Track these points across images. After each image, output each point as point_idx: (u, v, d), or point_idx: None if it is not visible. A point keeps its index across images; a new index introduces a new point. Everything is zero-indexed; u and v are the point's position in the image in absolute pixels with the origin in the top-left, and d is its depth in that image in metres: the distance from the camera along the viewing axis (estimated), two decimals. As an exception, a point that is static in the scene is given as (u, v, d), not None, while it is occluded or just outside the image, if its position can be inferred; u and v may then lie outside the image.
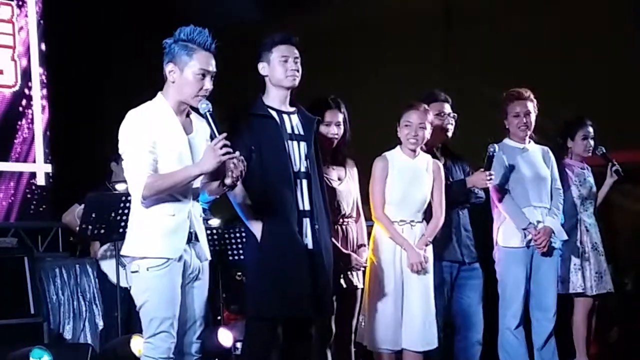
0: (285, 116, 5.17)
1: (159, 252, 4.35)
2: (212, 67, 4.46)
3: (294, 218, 5.03)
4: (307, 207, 5.11)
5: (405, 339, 5.69)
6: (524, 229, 6.20)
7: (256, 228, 5.01)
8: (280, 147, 5.06)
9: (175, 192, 4.36)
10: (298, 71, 5.15)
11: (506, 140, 6.40)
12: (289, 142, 5.11)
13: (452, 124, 6.19)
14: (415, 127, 5.77)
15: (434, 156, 6.08)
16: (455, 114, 6.21)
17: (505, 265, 6.26)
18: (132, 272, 4.42)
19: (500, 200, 6.24)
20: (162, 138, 4.38)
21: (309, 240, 5.09)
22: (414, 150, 5.82)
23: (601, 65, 8.81)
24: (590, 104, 8.25)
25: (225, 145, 4.24)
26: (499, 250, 6.29)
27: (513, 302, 6.22)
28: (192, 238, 4.45)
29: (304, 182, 5.11)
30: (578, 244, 6.69)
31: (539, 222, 6.24)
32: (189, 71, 4.41)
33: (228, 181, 4.39)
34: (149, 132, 4.36)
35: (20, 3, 9.50)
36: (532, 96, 6.34)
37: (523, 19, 9.29)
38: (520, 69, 8.85)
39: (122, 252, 4.49)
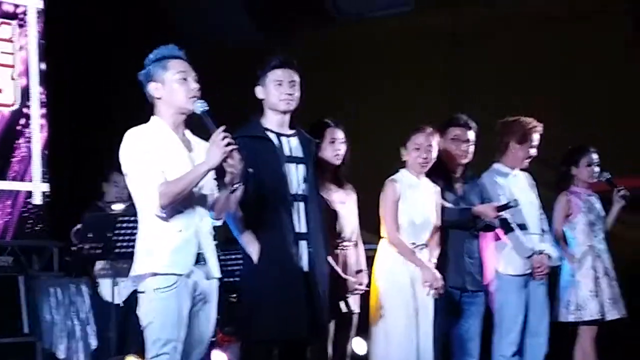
0: (283, 138, 5.17)
1: (167, 268, 4.34)
2: (190, 70, 4.50)
3: (290, 240, 5.03)
4: (304, 229, 5.10)
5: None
6: (527, 258, 6.20)
7: (253, 250, 5.01)
8: (278, 169, 5.06)
9: (181, 205, 4.35)
10: (292, 95, 5.15)
11: (497, 166, 6.44)
12: (287, 164, 5.11)
13: (466, 150, 6.17)
14: (424, 149, 5.81)
15: (451, 181, 6.12)
16: (470, 141, 6.19)
17: (506, 293, 6.25)
18: (139, 292, 4.40)
19: (501, 229, 6.24)
20: (164, 154, 4.39)
21: (304, 263, 5.08)
22: (419, 173, 5.84)
23: (601, 90, 8.84)
24: (590, 131, 8.26)
25: (226, 137, 4.25)
26: (500, 278, 6.28)
27: (512, 330, 6.23)
28: (200, 259, 4.43)
29: (301, 204, 5.11)
30: (591, 270, 6.67)
31: (541, 251, 6.26)
32: (170, 79, 4.45)
33: (227, 178, 4.36)
34: (151, 148, 4.37)
35: (21, 23, 9.51)
36: None
37: (526, 45, 9.31)
38: (522, 95, 8.87)
39: (131, 274, 4.46)
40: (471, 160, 6.25)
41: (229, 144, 4.24)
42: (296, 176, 5.13)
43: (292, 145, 5.18)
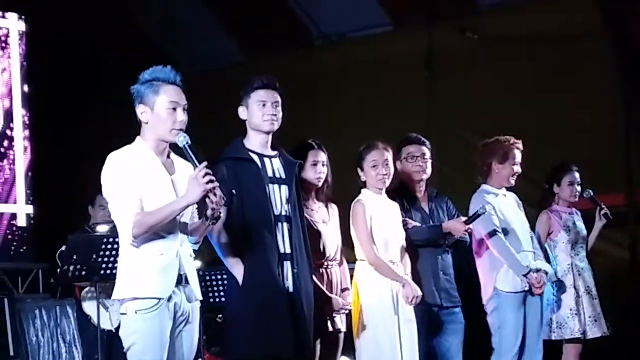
0: (266, 160, 5.19)
1: (149, 293, 4.34)
2: (182, 99, 4.47)
3: (275, 261, 5.04)
4: (288, 250, 5.12)
5: None
6: (524, 275, 6.22)
7: (238, 271, 5.03)
8: (261, 191, 5.08)
9: (162, 231, 4.35)
10: (276, 116, 5.17)
11: (485, 187, 6.44)
12: (270, 185, 5.13)
13: (422, 166, 6.17)
14: (382, 164, 5.82)
15: (416, 200, 6.15)
16: (425, 156, 6.20)
17: (506, 312, 6.22)
18: (121, 314, 4.41)
19: (495, 247, 6.23)
20: (146, 179, 4.38)
21: (289, 284, 5.09)
22: (381, 189, 5.87)
23: (582, 110, 8.90)
24: (568, 149, 8.32)
25: (207, 174, 4.25)
26: (499, 296, 6.25)
27: (511, 349, 6.19)
28: (182, 280, 4.43)
29: (285, 225, 5.13)
30: (572, 289, 6.70)
31: (538, 269, 6.28)
32: (160, 107, 4.42)
33: (209, 212, 4.37)
34: (132, 173, 4.36)
35: (4, 45, 9.54)
36: None
37: (504, 65, 9.38)
38: (500, 114, 8.93)
39: (113, 297, 4.47)
40: (431, 177, 6.26)
41: (210, 182, 4.24)
42: (279, 197, 5.15)
43: (275, 166, 5.21)
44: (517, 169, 6.41)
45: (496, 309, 6.27)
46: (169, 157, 4.54)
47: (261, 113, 5.16)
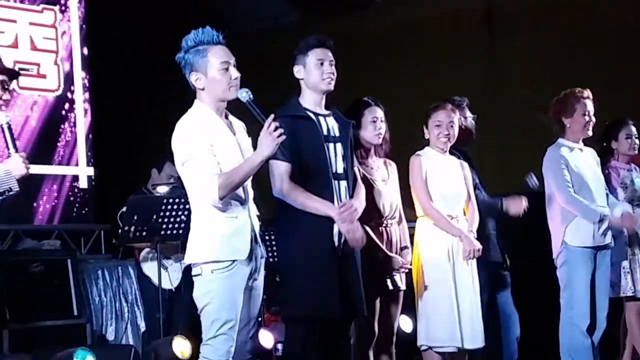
0: (321, 118, 5.13)
1: (227, 255, 4.38)
2: (230, 57, 4.47)
3: (330, 220, 4.98)
4: (344, 208, 5.08)
5: (464, 335, 5.66)
6: (599, 222, 6.15)
7: (326, 209, 4.94)
8: (320, 148, 5.04)
9: (235, 193, 4.38)
10: (334, 74, 5.11)
11: (561, 140, 6.36)
12: (326, 144, 5.08)
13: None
14: (446, 125, 5.82)
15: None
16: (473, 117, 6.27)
17: (575, 266, 6.17)
18: (195, 275, 4.43)
19: (566, 199, 6.17)
20: (216, 141, 4.41)
21: (342, 242, 5.03)
22: (444, 149, 5.85)
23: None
24: (630, 106, 8.18)
25: (277, 127, 4.28)
26: (567, 250, 6.20)
27: (583, 302, 6.15)
28: (254, 240, 4.47)
29: (342, 183, 5.09)
30: (627, 247, 6.61)
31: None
32: (212, 70, 4.43)
33: None
34: (204, 136, 4.38)
35: (63, 8, 9.60)
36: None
37: (563, 19, 9.24)
38: (561, 70, 8.80)
39: (186, 261, 4.51)
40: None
41: (281, 135, 4.28)
42: (335, 155, 5.10)
43: (329, 124, 5.15)
44: (588, 118, 6.31)
45: (565, 262, 6.22)
46: (227, 118, 4.55)
47: (319, 72, 5.10)
